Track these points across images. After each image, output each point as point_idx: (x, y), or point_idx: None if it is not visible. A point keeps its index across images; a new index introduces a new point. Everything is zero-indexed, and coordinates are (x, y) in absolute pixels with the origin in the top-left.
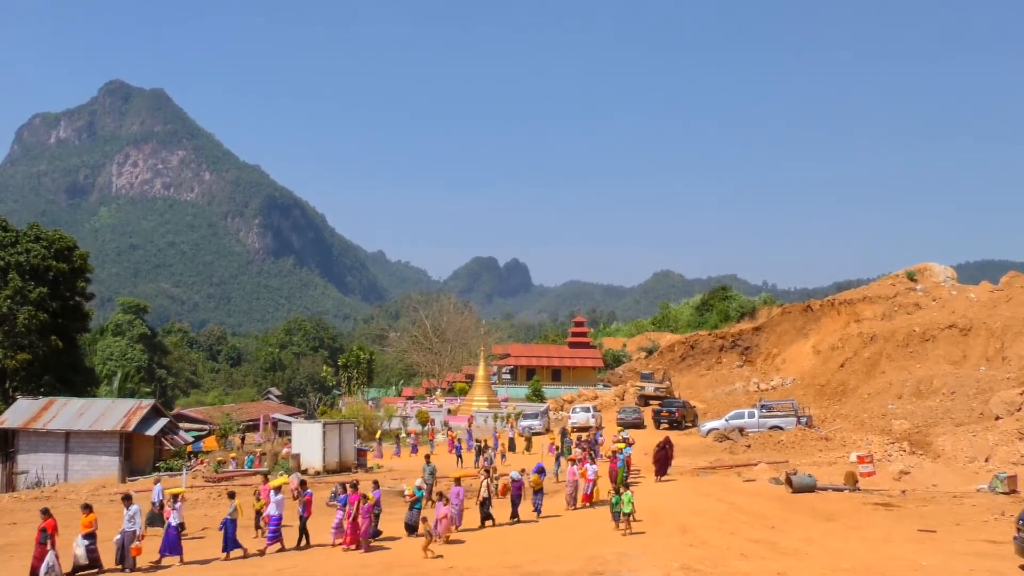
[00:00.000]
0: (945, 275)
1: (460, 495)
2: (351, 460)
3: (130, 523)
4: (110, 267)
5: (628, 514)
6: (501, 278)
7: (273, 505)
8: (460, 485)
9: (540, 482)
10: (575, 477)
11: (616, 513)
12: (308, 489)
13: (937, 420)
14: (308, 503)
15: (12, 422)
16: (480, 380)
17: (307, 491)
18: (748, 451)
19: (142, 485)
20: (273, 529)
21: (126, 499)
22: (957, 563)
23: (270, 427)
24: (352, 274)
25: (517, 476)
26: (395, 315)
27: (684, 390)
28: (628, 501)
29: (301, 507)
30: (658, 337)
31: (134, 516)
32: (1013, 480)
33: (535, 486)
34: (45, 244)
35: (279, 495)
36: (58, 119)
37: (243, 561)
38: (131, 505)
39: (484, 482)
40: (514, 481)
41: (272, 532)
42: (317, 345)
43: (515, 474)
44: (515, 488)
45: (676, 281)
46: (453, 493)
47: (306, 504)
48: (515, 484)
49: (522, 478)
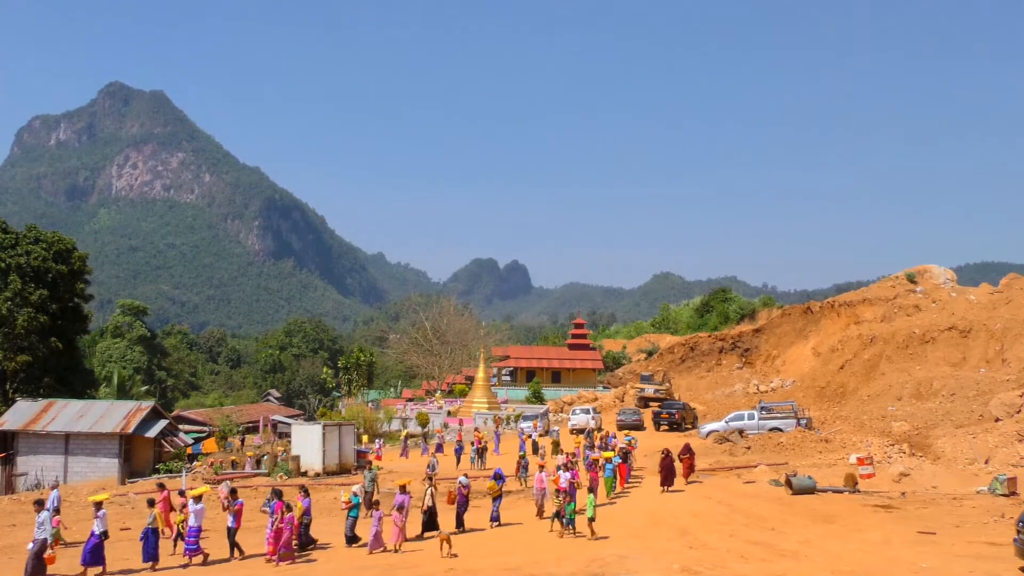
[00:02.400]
0: (945, 277)
1: (405, 503)
2: (351, 462)
3: (40, 530)
4: (110, 269)
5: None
6: (501, 280)
7: (193, 515)
8: (406, 493)
9: (498, 489)
10: (543, 484)
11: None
12: (239, 499)
13: (937, 422)
14: (239, 514)
15: (12, 424)
16: (480, 382)
17: (238, 501)
18: (748, 453)
19: (141, 487)
20: (192, 540)
21: (37, 504)
22: (957, 565)
23: (270, 429)
24: (352, 276)
25: (464, 482)
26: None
27: (684, 392)
28: (591, 505)
29: (232, 518)
30: (658, 339)
31: (44, 523)
32: (1013, 482)
33: (492, 493)
34: (45, 246)
35: (199, 504)
36: (58, 121)
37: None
38: (41, 512)
39: (428, 490)
40: (461, 487)
41: (191, 544)
42: (317, 347)
43: (463, 479)
44: (460, 495)
45: (676, 283)
46: (397, 501)
47: (237, 515)
48: (461, 490)
49: (469, 484)
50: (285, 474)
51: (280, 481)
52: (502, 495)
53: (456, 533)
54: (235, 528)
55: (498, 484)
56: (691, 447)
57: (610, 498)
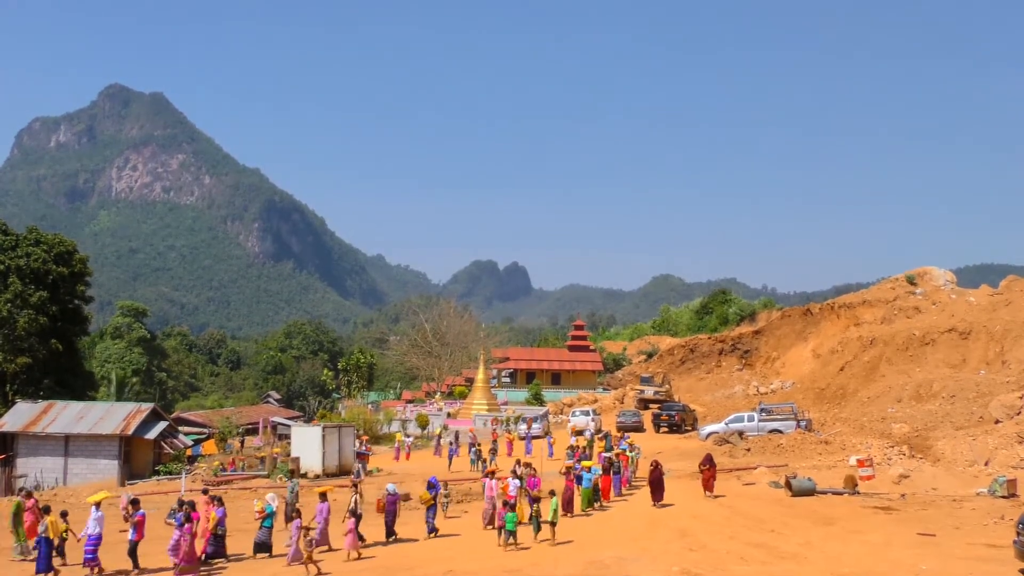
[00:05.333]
0: (944, 279)
1: (325, 512)
2: (350, 464)
3: None
4: (110, 271)
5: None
6: (501, 282)
7: (92, 522)
8: (326, 501)
9: (430, 498)
10: (492, 492)
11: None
12: (140, 509)
13: (937, 424)
14: (140, 525)
15: (11, 426)
16: (480, 384)
17: (139, 511)
18: (748, 455)
19: (141, 489)
20: (91, 549)
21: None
22: (957, 567)
23: (270, 431)
24: (352, 278)
25: (392, 490)
26: (395, 319)
27: (684, 393)
28: (553, 510)
29: (132, 529)
30: (658, 341)
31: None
32: (1013, 484)
33: (425, 502)
34: (45, 248)
35: (99, 512)
36: (58, 123)
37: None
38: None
39: (353, 497)
40: (389, 495)
41: (90, 553)
42: (317, 349)
43: (391, 487)
44: (389, 503)
45: (676, 285)
46: (318, 510)
47: (137, 526)
48: (390, 499)
49: (398, 492)
50: (285, 476)
51: (279, 483)
52: (436, 504)
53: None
54: (136, 541)
55: (431, 493)
56: (712, 458)
57: (585, 511)
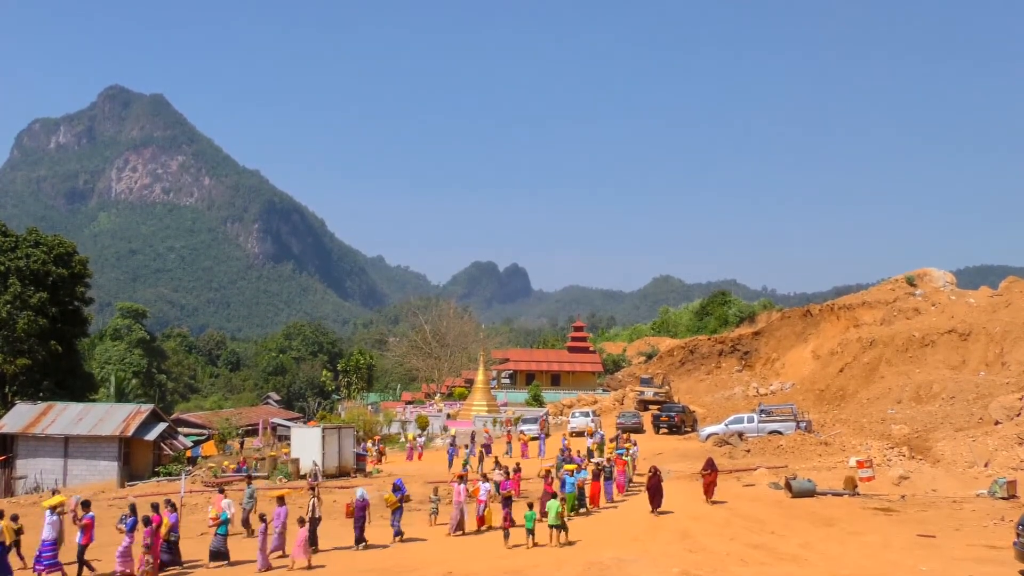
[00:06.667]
0: (944, 280)
1: (282, 516)
2: (350, 465)
3: None
4: (109, 272)
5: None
6: (501, 283)
7: (47, 527)
8: (284, 505)
9: (395, 501)
10: (461, 498)
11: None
12: (90, 512)
13: (936, 425)
14: (88, 528)
15: (11, 427)
16: (479, 385)
17: (88, 514)
18: (747, 456)
19: (141, 490)
20: (49, 556)
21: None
22: (957, 569)
23: (269, 432)
24: (351, 279)
25: (362, 495)
26: (394, 320)
27: (684, 395)
28: (555, 512)
29: (80, 533)
30: (657, 342)
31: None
32: (1012, 485)
33: (391, 506)
34: (45, 249)
35: (54, 516)
36: (58, 124)
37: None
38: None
39: (312, 501)
40: (358, 501)
41: (48, 559)
42: (316, 350)
43: (360, 492)
44: (358, 508)
45: (675, 286)
46: (275, 514)
47: (85, 529)
48: (359, 504)
49: (367, 498)
50: (284, 477)
51: (279, 484)
52: (402, 508)
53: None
54: (84, 545)
55: (396, 496)
56: (714, 463)
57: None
